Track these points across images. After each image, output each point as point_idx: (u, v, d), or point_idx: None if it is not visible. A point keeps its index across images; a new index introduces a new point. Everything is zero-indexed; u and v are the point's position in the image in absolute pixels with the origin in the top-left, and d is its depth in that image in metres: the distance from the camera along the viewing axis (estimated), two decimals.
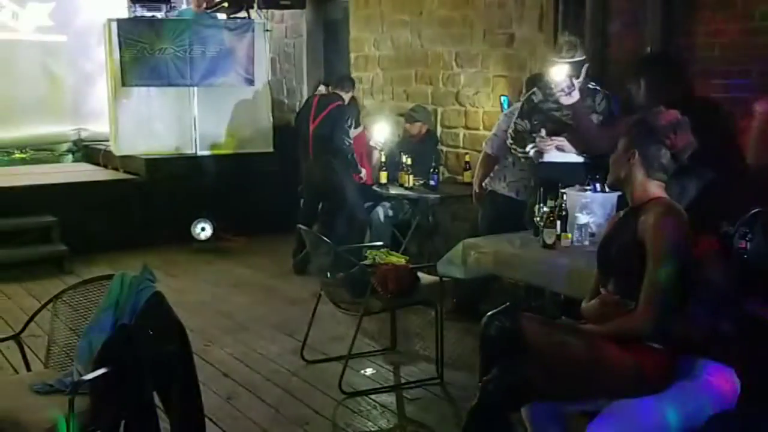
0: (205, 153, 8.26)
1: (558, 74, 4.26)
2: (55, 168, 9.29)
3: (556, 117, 4.53)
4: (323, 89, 7.18)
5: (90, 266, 6.65)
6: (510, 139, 4.82)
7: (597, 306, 2.86)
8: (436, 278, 4.31)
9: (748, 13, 4.49)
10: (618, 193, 3.60)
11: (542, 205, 3.91)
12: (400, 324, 5.03)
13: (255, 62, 8.26)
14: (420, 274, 4.50)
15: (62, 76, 9.66)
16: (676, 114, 2.87)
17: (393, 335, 4.92)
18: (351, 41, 8.18)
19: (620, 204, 3.56)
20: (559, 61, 4.38)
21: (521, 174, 5.16)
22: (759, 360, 2.72)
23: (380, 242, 5.52)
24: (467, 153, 6.64)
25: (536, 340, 2.64)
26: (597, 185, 3.82)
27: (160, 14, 8.55)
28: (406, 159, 6.34)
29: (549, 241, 3.76)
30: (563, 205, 3.79)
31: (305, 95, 8.48)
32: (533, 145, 4.58)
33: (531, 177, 4.87)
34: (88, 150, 9.68)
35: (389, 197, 6.43)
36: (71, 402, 2.75)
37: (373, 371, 4.62)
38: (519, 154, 4.80)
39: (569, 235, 3.77)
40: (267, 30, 8.49)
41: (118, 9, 8.91)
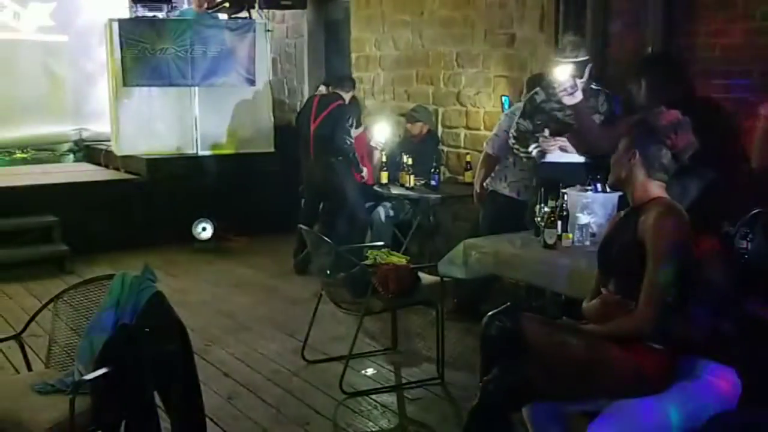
0: (206, 153, 8.26)
1: (561, 74, 4.23)
2: (56, 168, 9.30)
3: (559, 117, 4.52)
4: (323, 89, 7.18)
5: (91, 266, 6.65)
6: (512, 139, 4.81)
7: (598, 306, 2.86)
8: (437, 278, 4.31)
9: (749, 13, 4.49)
10: (619, 194, 3.59)
11: (543, 205, 3.91)
12: (401, 324, 5.03)
13: (256, 62, 8.26)
14: (421, 274, 4.50)
15: (63, 76, 9.67)
16: (677, 114, 2.87)
17: (394, 335, 4.92)
18: (352, 41, 8.18)
19: (621, 204, 3.56)
20: (563, 61, 4.35)
21: (522, 174, 5.15)
22: (760, 360, 2.72)
23: (381, 242, 5.52)
24: (468, 153, 6.64)
25: (537, 340, 2.64)
26: (598, 185, 3.82)
27: (162, 14, 8.56)
28: (407, 159, 6.34)
29: (550, 242, 3.76)
30: (564, 205, 3.79)
31: (306, 95, 8.48)
32: (536, 145, 4.56)
33: (532, 177, 4.86)
34: (89, 150, 9.70)
35: (390, 197, 6.43)
36: (72, 402, 2.75)
37: (374, 371, 4.62)
38: (522, 154, 4.79)
39: (570, 236, 3.77)
40: (268, 30, 8.49)
41: (120, 9, 8.92)
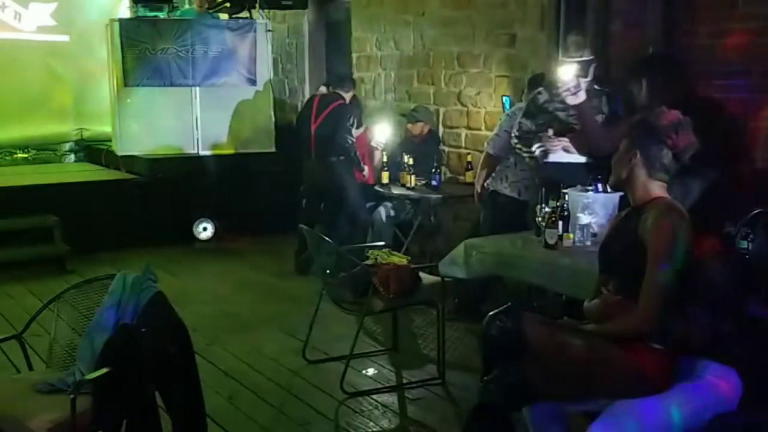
0: (207, 153, 8.26)
1: (565, 73, 4.21)
2: (58, 168, 9.32)
3: (562, 117, 4.50)
4: (324, 90, 7.19)
5: (92, 266, 6.64)
6: (515, 139, 4.78)
7: (599, 306, 2.86)
8: (438, 278, 4.31)
9: (750, 13, 4.48)
10: (620, 194, 3.59)
11: (544, 206, 3.91)
12: (402, 324, 5.03)
13: (257, 62, 8.26)
14: (422, 274, 4.49)
15: (65, 76, 9.68)
16: (678, 114, 2.86)
17: (395, 335, 4.92)
18: (353, 41, 8.18)
19: (622, 204, 3.56)
20: (567, 61, 4.32)
21: (523, 174, 5.15)
22: (761, 360, 2.72)
23: (382, 242, 5.51)
24: (469, 153, 6.64)
25: (537, 341, 2.64)
26: (599, 185, 3.82)
27: (162, 14, 8.56)
28: (408, 159, 6.33)
29: (551, 242, 3.76)
30: (565, 206, 3.79)
31: (307, 95, 8.48)
32: (540, 145, 4.53)
33: (533, 177, 4.85)
34: (91, 150, 9.70)
35: (391, 197, 6.43)
36: (73, 402, 2.76)
37: (375, 371, 4.62)
38: (524, 154, 4.76)
39: (571, 236, 3.77)
40: (269, 30, 8.48)
41: (121, 9, 8.92)
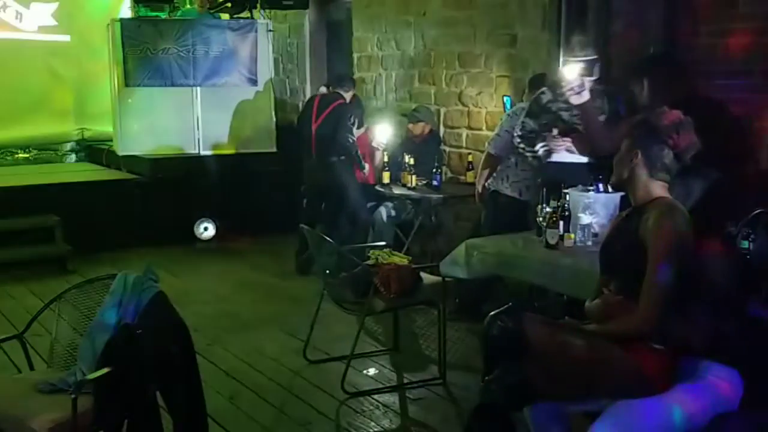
0: (208, 153, 8.27)
1: (569, 73, 4.17)
2: (59, 168, 9.32)
3: (565, 117, 4.45)
4: (324, 90, 7.19)
5: (93, 266, 6.64)
6: (518, 139, 4.74)
7: (600, 306, 2.86)
8: (439, 278, 4.31)
9: (751, 13, 4.48)
10: (621, 194, 3.58)
11: (545, 206, 3.91)
12: (403, 324, 5.04)
13: (258, 62, 8.26)
14: (423, 275, 4.49)
15: (66, 76, 9.69)
16: (679, 114, 2.86)
17: (396, 335, 4.92)
18: (354, 41, 8.18)
19: (623, 204, 3.55)
20: (571, 60, 4.29)
21: (524, 174, 5.15)
22: (762, 360, 2.72)
23: (383, 242, 5.51)
24: (470, 153, 6.64)
25: (539, 341, 2.64)
26: (600, 185, 3.82)
27: (164, 14, 8.57)
28: (409, 159, 6.33)
29: (552, 242, 3.76)
30: (566, 206, 3.79)
31: (308, 95, 8.48)
32: (544, 144, 4.51)
33: (534, 177, 4.85)
34: (92, 150, 9.72)
35: (392, 197, 6.42)
36: (74, 401, 2.76)
37: (376, 371, 4.62)
38: (527, 154, 4.73)
39: (572, 236, 3.77)
40: (270, 30, 8.49)
41: (122, 9, 8.92)
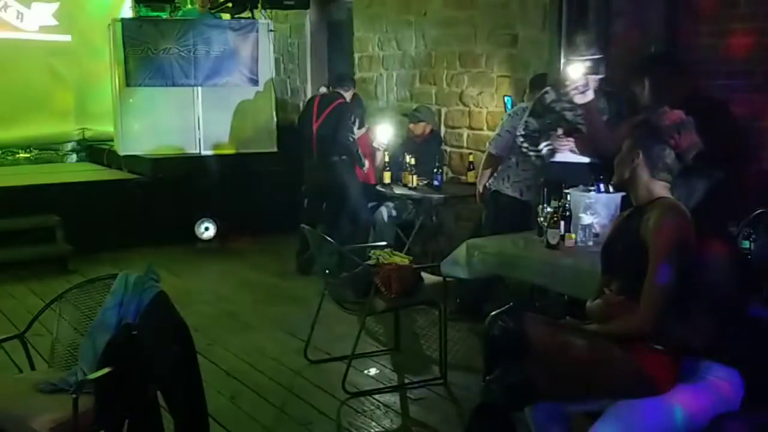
0: (209, 153, 8.27)
1: (574, 72, 4.16)
2: (60, 168, 9.33)
3: (569, 117, 4.42)
4: (324, 90, 7.19)
5: (94, 266, 6.64)
6: (521, 138, 4.70)
7: (601, 306, 2.85)
8: (440, 278, 4.31)
9: (752, 13, 4.48)
10: (622, 194, 3.58)
11: (546, 206, 3.90)
12: (404, 324, 5.03)
13: (259, 62, 8.26)
14: (424, 275, 4.49)
15: (67, 76, 9.70)
16: (680, 114, 2.86)
17: (396, 335, 4.92)
18: (355, 41, 8.18)
19: (624, 204, 3.55)
20: (577, 59, 4.27)
21: (525, 174, 5.15)
22: (763, 361, 2.72)
23: (384, 242, 5.50)
24: (471, 153, 6.64)
25: (540, 341, 2.64)
26: (601, 186, 3.81)
27: (165, 14, 8.57)
28: (410, 159, 6.33)
29: (553, 242, 3.75)
30: (567, 206, 3.78)
31: (309, 95, 8.49)
32: (548, 143, 4.47)
33: (535, 177, 4.84)
34: (93, 150, 9.73)
35: (393, 197, 6.42)
36: (75, 401, 2.76)
37: (377, 371, 4.62)
38: (531, 153, 4.69)
39: (573, 236, 3.76)
40: (271, 30, 8.49)
41: (123, 9, 8.93)
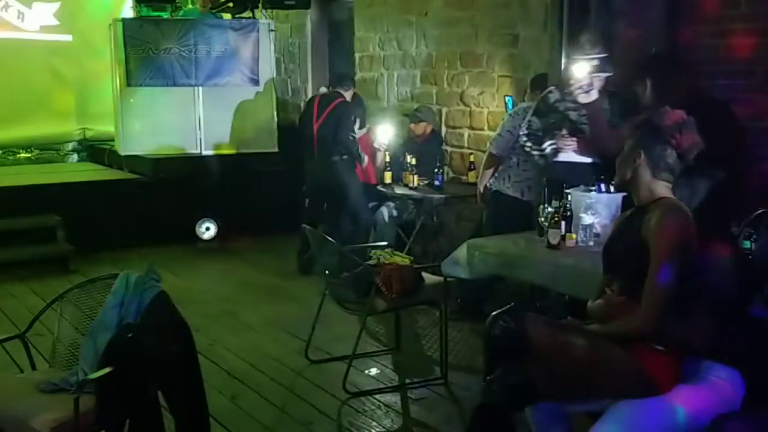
0: (210, 153, 8.27)
1: (578, 71, 4.15)
2: (60, 167, 9.33)
3: (573, 117, 4.40)
4: (324, 90, 7.19)
5: (95, 266, 6.64)
6: (524, 137, 4.68)
7: (602, 306, 2.85)
8: (441, 278, 4.30)
9: (753, 13, 4.47)
10: (623, 194, 3.58)
11: (547, 206, 3.90)
12: (405, 324, 5.03)
13: (260, 62, 8.26)
14: (424, 275, 4.49)
15: (67, 76, 9.70)
16: (682, 114, 2.85)
17: (397, 335, 4.92)
18: (356, 41, 8.18)
19: (625, 204, 3.55)
20: (581, 58, 4.25)
21: (526, 174, 5.15)
22: (763, 361, 2.72)
23: (385, 242, 5.50)
24: (472, 153, 6.63)
25: (540, 341, 2.64)
26: (602, 186, 3.81)
27: (165, 14, 8.56)
28: (411, 159, 6.33)
29: (554, 242, 3.75)
30: (568, 206, 3.78)
31: (310, 95, 8.48)
32: (552, 143, 4.46)
33: (536, 177, 4.83)
34: (93, 149, 9.73)
35: (394, 197, 6.42)
36: (76, 401, 2.76)
37: (378, 371, 4.62)
38: (534, 152, 4.67)
39: (574, 236, 3.76)
40: (272, 30, 8.49)
41: (124, 9, 8.93)
